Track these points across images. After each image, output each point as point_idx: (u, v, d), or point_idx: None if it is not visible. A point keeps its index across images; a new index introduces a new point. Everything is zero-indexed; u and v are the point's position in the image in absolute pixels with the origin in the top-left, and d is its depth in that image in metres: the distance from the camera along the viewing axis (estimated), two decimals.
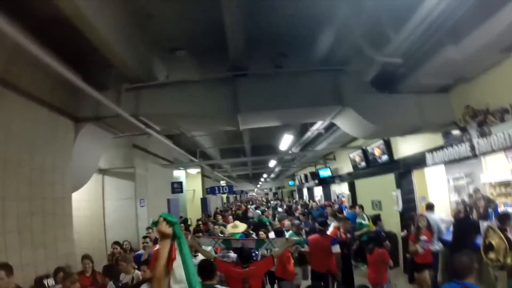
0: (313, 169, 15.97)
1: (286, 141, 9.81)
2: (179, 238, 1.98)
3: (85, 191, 7.44)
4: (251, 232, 6.88)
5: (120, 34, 4.19)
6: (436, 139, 6.75)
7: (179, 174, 13.22)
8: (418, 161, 7.60)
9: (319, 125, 7.75)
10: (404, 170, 8.42)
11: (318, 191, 18.46)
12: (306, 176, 18.73)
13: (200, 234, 5.84)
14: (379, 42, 4.64)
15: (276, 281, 5.70)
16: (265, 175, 22.18)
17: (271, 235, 6.09)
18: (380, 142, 9.04)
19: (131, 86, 5.12)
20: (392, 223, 8.57)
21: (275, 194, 33.34)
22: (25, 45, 2.70)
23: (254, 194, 37.44)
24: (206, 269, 3.33)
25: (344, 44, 5.23)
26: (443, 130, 6.50)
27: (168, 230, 1.90)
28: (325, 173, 13.52)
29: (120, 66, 4.75)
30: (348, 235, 6.53)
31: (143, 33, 4.85)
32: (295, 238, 6.28)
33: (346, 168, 12.39)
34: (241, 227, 6.84)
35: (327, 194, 15.63)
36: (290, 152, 11.59)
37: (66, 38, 3.99)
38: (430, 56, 5.09)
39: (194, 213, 14.12)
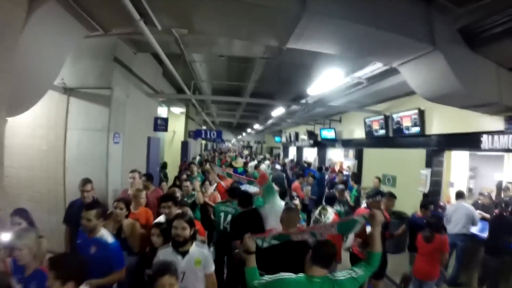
0: (310, 127, 14.49)
1: (327, 80, 6.77)
2: None
3: (43, 115, 5.54)
4: None
5: None
6: (489, 122, 5.83)
7: (160, 112, 11.19)
8: (464, 141, 6.43)
9: (375, 68, 5.97)
10: (438, 148, 7.15)
11: (309, 153, 17.23)
12: (297, 134, 17.36)
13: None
14: None
15: None
16: (256, 126, 20.21)
17: None
18: (413, 112, 7.66)
19: None
20: (409, 204, 7.39)
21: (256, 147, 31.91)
22: None
23: (230, 145, 35.95)
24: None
25: None
26: (506, 114, 5.55)
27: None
28: (328, 134, 11.97)
29: None
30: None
31: None
32: (338, 208, 5.04)
33: (354, 133, 10.99)
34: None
35: (322, 158, 14.34)
36: (303, 102, 9.78)
37: None
38: None
39: (171, 158, 12.35)
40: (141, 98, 7.25)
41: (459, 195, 6.16)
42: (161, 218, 3.79)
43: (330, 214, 4.75)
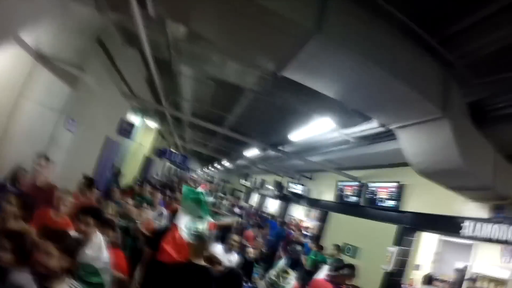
0: (278, 178, 14.04)
1: (314, 129, 6.63)
2: None
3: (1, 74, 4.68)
4: None
5: None
6: (472, 208, 5.41)
7: (133, 119, 10.37)
8: (442, 224, 6.09)
9: (368, 127, 5.69)
10: (411, 226, 6.79)
11: (272, 204, 16.56)
12: (263, 181, 16.84)
13: None
14: None
15: None
16: (225, 162, 19.57)
17: None
18: (392, 184, 7.40)
19: None
20: (368, 280, 6.78)
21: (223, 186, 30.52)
22: None
23: (195, 176, 34.60)
24: None
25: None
26: (495, 203, 5.15)
27: None
28: (295, 189, 11.55)
29: None
30: None
31: None
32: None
33: (323, 194, 10.61)
34: None
35: (283, 212, 13.73)
36: (280, 148, 9.38)
37: None
38: None
39: (129, 170, 11.33)
40: (113, 93, 6.55)
41: (428, 281, 5.69)
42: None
43: (292, 280, 4.10)
